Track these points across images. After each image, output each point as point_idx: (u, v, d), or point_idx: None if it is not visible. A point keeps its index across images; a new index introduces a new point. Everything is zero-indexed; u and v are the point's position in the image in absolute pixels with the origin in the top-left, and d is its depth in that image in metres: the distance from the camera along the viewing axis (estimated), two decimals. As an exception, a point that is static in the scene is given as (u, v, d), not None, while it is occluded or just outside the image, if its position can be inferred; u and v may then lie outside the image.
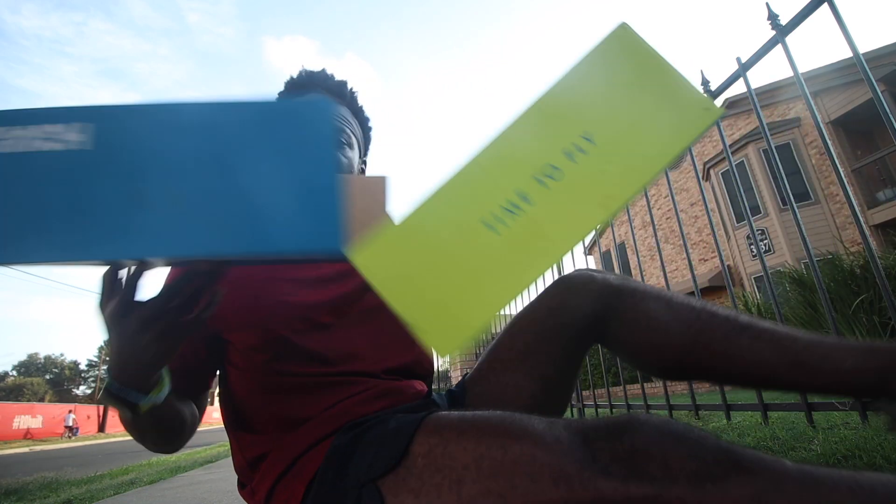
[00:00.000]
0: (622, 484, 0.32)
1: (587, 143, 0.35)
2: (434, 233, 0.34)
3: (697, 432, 0.35)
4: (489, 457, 0.38)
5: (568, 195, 0.34)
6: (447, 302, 0.32)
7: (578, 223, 0.33)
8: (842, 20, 0.87)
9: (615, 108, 0.36)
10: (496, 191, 0.34)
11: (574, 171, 0.34)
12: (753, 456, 0.32)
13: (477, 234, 0.33)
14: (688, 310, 0.56)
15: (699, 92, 0.36)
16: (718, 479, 0.31)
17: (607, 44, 0.38)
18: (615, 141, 0.35)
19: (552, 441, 0.37)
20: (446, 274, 0.33)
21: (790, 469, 0.31)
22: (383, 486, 0.42)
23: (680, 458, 0.32)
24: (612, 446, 0.35)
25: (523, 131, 0.36)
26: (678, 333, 0.55)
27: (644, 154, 0.34)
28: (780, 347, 0.51)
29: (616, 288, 0.60)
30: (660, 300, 0.58)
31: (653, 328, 0.57)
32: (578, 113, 0.36)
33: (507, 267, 0.33)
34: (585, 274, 0.63)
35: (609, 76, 0.37)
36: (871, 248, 0.88)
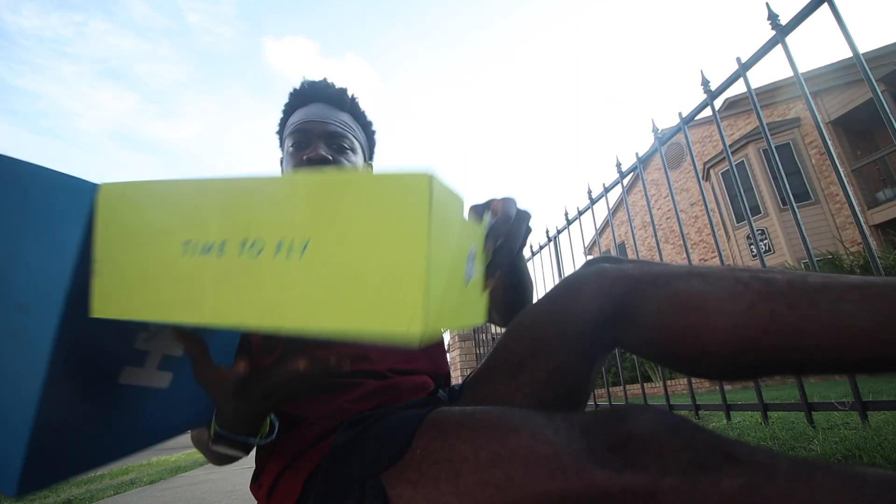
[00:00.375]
0: (617, 474, 0.33)
1: (300, 250, 0.30)
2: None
3: (691, 424, 0.35)
4: (487, 448, 0.39)
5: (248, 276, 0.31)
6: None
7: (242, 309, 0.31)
8: (842, 20, 0.87)
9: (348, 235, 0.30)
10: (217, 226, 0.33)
11: (271, 261, 0.30)
12: (746, 448, 0.33)
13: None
14: (732, 281, 0.44)
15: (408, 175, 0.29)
16: (711, 469, 0.31)
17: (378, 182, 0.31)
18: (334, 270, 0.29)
19: (550, 433, 0.37)
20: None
21: (782, 461, 0.32)
22: (385, 480, 0.43)
23: (674, 448, 0.33)
24: (608, 436, 0.35)
25: (272, 193, 0.32)
26: (724, 314, 0.42)
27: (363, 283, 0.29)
28: (885, 303, 0.36)
29: (633, 279, 0.49)
30: (691, 277, 0.46)
31: (687, 312, 0.44)
32: (316, 216, 0.31)
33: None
34: (595, 268, 0.53)
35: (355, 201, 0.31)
36: (871, 248, 0.88)
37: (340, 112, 0.80)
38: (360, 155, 0.80)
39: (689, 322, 0.44)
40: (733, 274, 0.45)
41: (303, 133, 0.76)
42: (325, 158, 0.73)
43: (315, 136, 0.75)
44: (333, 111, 0.79)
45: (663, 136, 1.47)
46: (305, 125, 0.76)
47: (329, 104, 0.79)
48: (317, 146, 0.74)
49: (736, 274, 0.45)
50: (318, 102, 0.79)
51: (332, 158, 0.75)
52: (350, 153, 0.77)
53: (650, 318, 0.47)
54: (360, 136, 0.82)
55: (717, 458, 0.32)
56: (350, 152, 0.77)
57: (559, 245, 2.43)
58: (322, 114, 0.77)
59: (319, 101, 0.79)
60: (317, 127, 0.76)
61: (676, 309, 0.45)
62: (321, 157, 0.73)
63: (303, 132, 0.76)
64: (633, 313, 0.48)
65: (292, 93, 0.81)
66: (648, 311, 0.47)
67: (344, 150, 0.77)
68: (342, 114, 0.80)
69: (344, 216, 0.30)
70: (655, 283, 0.48)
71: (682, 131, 1.33)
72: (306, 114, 0.77)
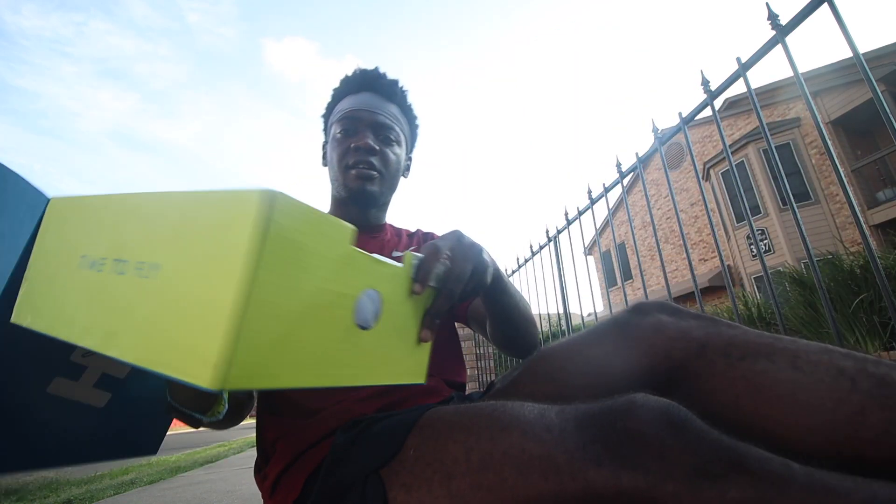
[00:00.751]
0: (613, 475, 0.31)
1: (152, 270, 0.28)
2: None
3: (699, 424, 0.32)
4: (478, 449, 0.37)
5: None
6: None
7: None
8: (842, 20, 0.86)
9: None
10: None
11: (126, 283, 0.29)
12: (758, 455, 0.30)
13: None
14: (833, 372, 0.36)
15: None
16: (718, 477, 0.29)
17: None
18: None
19: (542, 430, 0.35)
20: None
21: (798, 474, 0.29)
22: (385, 480, 0.42)
23: (677, 450, 0.30)
24: (605, 433, 0.33)
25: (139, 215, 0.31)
26: (822, 414, 0.35)
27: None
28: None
29: (698, 344, 0.42)
30: (775, 355, 0.39)
31: (770, 402, 0.37)
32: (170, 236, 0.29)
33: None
34: (652, 321, 0.46)
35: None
36: (871, 248, 0.88)
37: (389, 103, 0.80)
38: (403, 148, 0.82)
39: (771, 414, 0.37)
40: (833, 360, 0.37)
41: (351, 121, 0.76)
42: (372, 148, 0.74)
43: (363, 124, 0.76)
44: (383, 102, 0.79)
45: (663, 136, 1.47)
46: (355, 113, 0.76)
47: (379, 94, 0.80)
48: (364, 135, 0.75)
49: (836, 361, 0.37)
50: (369, 91, 0.79)
51: (378, 149, 0.76)
52: (395, 145, 0.79)
53: (717, 395, 0.40)
54: (406, 129, 0.84)
55: (725, 465, 0.29)
56: (395, 144, 0.79)
57: (559, 245, 2.43)
58: (372, 103, 0.77)
59: (370, 91, 0.80)
60: (366, 116, 0.76)
61: (756, 394, 0.38)
62: (368, 146, 0.74)
63: (351, 120, 0.76)
64: (693, 383, 0.41)
65: (344, 79, 0.82)
66: (715, 387, 0.40)
67: (390, 142, 0.78)
68: (391, 105, 0.80)
69: (185, 240, 0.27)
70: (727, 354, 0.41)
71: (682, 131, 1.33)
72: (356, 102, 0.78)
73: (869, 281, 3.15)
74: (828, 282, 3.34)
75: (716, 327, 0.44)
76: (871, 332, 3.09)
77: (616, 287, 12.89)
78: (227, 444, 6.26)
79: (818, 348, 0.38)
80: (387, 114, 0.78)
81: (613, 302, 11.21)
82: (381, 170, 0.76)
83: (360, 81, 0.80)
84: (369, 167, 0.75)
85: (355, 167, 0.74)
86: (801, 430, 0.36)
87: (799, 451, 0.34)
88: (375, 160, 0.75)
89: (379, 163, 0.76)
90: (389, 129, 0.78)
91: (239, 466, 3.02)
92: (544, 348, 0.54)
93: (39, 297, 0.34)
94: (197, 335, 0.24)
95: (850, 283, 3.27)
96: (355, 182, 0.75)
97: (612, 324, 0.49)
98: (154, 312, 0.26)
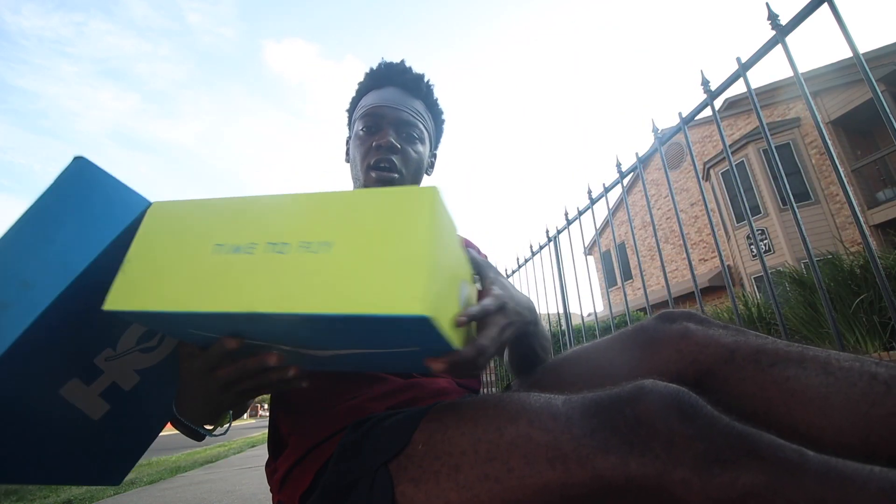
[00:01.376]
0: (621, 461, 0.30)
1: (325, 247, 0.35)
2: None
3: (709, 410, 0.31)
4: (486, 440, 0.37)
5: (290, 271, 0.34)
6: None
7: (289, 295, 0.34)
8: (842, 20, 0.86)
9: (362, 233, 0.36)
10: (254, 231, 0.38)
11: (302, 259, 0.35)
12: (771, 442, 0.29)
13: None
14: (866, 378, 0.36)
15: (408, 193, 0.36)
16: (728, 463, 0.28)
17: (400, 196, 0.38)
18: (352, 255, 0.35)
19: (548, 418, 0.35)
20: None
21: (812, 461, 0.28)
22: (393, 474, 0.42)
23: (687, 436, 0.29)
24: (613, 419, 0.32)
25: (297, 206, 0.39)
26: (855, 418, 0.35)
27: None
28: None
29: (726, 349, 0.42)
30: (805, 362, 0.38)
31: (802, 406, 0.37)
32: (336, 221, 0.36)
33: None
34: (678, 328, 0.45)
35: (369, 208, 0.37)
36: (871, 248, 0.88)
37: (414, 99, 0.78)
38: (427, 145, 0.80)
39: (804, 417, 0.37)
40: (865, 367, 0.37)
41: (375, 118, 0.74)
42: (394, 147, 0.72)
43: (387, 122, 0.74)
44: (407, 97, 0.77)
45: (663, 136, 1.47)
46: (378, 109, 0.74)
47: (404, 89, 0.77)
48: (387, 132, 0.73)
49: (869, 367, 0.36)
50: (394, 87, 0.77)
51: (401, 147, 0.74)
52: (418, 143, 0.77)
53: (747, 400, 0.40)
54: (430, 126, 0.81)
55: (737, 451, 0.28)
56: (419, 142, 0.77)
57: (559, 245, 2.43)
58: (396, 99, 0.75)
59: (395, 86, 0.77)
60: (389, 113, 0.74)
61: (788, 398, 0.38)
62: (390, 144, 0.72)
63: (375, 116, 0.74)
64: (722, 389, 0.41)
65: (369, 73, 0.80)
66: (745, 392, 0.40)
67: (413, 140, 0.76)
68: (416, 101, 0.78)
69: (360, 222, 0.35)
70: (756, 360, 0.40)
71: (682, 131, 1.33)
72: (380, 98, 0.76)
73: (869, 281, 3.15)
74: (828, 282, 3.34)
75: (744, 336, 0.44)
76: (871, 332, 3.09)
77: (616, 287, 12.89)
78: (227, 444, 6.26)
79: (849, 356, 0.38)
80: (411, 110, 0.76)
81: (613, 302, 11.21)
82: (401, 169, 0.74)
83: (385, 75, 0.78)
84: (390, 168, 0.73)
85: (376, 168, 0.73)
86: (835, 431, 0.35)
87: (830, 446, 0.34)
88: (397, 159, 0.73)
89: (400, 162, 0.74)
90: (413, 127, 0.76)
91: (239, 466, 3.03)
92: (568, 352, 0.54)
93: (153, 283, 0.37)
94: (398, 282, 0.31)
95: (850, 283, 3.27)
96: (375, 185, 0.73)
97: (638, 330, 0.49)
98: (340, 273, 0.33)
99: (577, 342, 5.21)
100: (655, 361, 0.45)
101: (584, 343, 0.56)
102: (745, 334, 0.44)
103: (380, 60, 0.81)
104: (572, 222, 2.12)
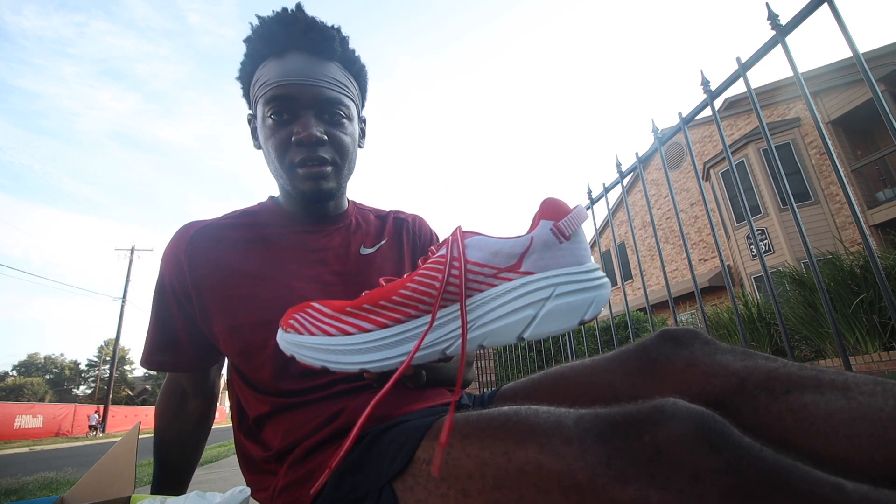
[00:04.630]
0: (640, 493, 0.27)
1: None
2: None
3: (738, 437, 0.28)
4: (493, 464, 0.35)
5: None
6: None
7: None
8: (842, 20, 0.87)
9: None
10: None
11: None
12: (806, 476, 0.26)
13: None
14: (892, 402, 0.33)
15: None
16: (761, 500, 0.25)
17: None
18: None
19: (560, 443, 0.32)
20: None
21: (851, 495, 0.25)
22: (398, 492, 0.41)
23: (713, 469, 0.26)
24: (631, 445, 0.29)
25: None
26: (884, 444, 0.32)
27: None
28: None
29: (737, 378, 0.40)
30: (822, 388, 0.36)
31: (825, 436, 0.34)
32: None
33: None
34: (685, 355, 0.43)
35: None
36: (871, 248, 0.88)
37: (328, 63, 0.62)
38: (354, 119, 0.66)
39: (826, 448, 0.34)
40: (889, 389, 0.34)
41: (285, 101, 0.59)
42: (320, 139, 0.60)
43: (302, 105, 0.59)
44: (320, 63, 0.61)
45: (663, 136, 1.47)
46: (286, 90, 0.59)
47: (313, 54, 0.61)
48: (306, 122, 0.59)
49: (893, 389, 0.34)
50: (299, 52, 0.61)
51: (327, 137, 0.61)
52: (346, 122, 0.63)
53: (762, 431, 0.36)
54: (354, 91, 0.66)
55: (769, 487, 0.26)
56: (346, 121, 0.63)
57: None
58: (307, 71, 0.59)
59: (300, 51, 0.61)
60: (303, 92, 0.59)
61: (809, 428, 0.35)
62: (314, 137, 0.59)
63: (284, 100, 0.59)
64: (734, 420, 0.36)
65: (261, 34, 0.61)
66: (760, 423, 0.37)
67: (339, 121, 0.62)
68: (331, 65, 0.62)
69: None
70: (770, 388, 0.37)
71: (682, 131, 1.33)
72: (285, 71, 0.59)
73: (869, 281, 3.15)
74: (828, 282, 3.34)
75: (753, 360, 0.40)
76: (871, 332, 3.09)
77: (616, 287, 12.89)
78: (228, 444, 6.25)
79: (868, 379, 0.36)
80: (329, 81, 0.61)
81: (613, 302, 11.20)
82: (334, 160, 0.62)
83: (286, 38, 0.60)
84: (320, 163, 0.61)
85: (303, 165, 0.60)
86: (864, 458, 0.32)
87: (857, 472, 0.32)
88: (325, 152, 0.61)
89: (331, 153, 0.62)
90: (336, 104, 0.61)
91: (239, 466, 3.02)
92: (564, 367, 0.51)
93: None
94: None
95: (850, 283, 3.27)
96: (306, 183, 0.61)
97: (640, 350, 0.46)
98: None
99: (576, 342, 5.20)
100: (660, 391, 0.42)
101: (585, 349, 0.54)
102: (754, 358, 0.41)
103: (265, 14, 0.62)
104: (572, 222, 2.12)
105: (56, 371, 49.74)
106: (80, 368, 49.82)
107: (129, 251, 19.46)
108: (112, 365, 18.26)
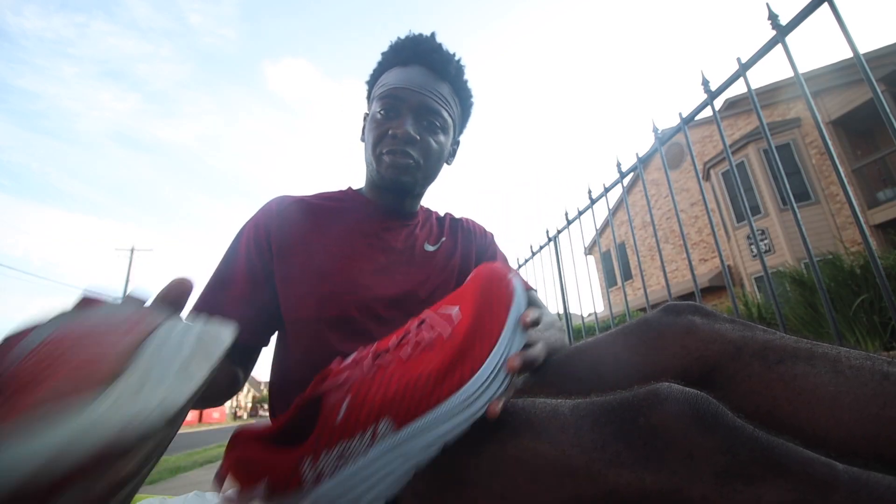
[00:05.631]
0: (635, 475, 0.28)
1: None
2: None
3: (731, 419, 0.29)
4: (488, 454, 0.35)
5: None
6: None
7: None
8: (842, 20, 0.86)
9: None
10: None
11: None
12: (799, 456, 0.27)
13: None
14: (878, 377, 0.34)
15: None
16: (753, 479, 0.26)
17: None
18: None
19: (555, 430, 0.33)
20: None
21: (842, 476, 0.26)
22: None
23: (707, 449, 0.27)
24: (626, 429, 0.30)
25: None
26: (866, 419, 0.33)
27: None
28: None
29: (733, 345, 0.41)
30: (814, 359, 0.37)
31: (810, 405, 0.36)
32: None
33: None
34: (684, 322, 0.44)
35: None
36: (872, 248, 0.88)
37: (441, 82, 0.72)
38: (449, 134, 0.75)
39: (812, 417, 0.35)
40: (876, 366, 0.35)
41: (395, 100, 0.68)
42: (412, 138, 0.67)
43: (407, 107, 0.68)
44: (434, 80, 0.70)
45: (663, 136, 1.47)
46: (399, 92, 0.68)
47: (431, 70, 0.71)
48: (405, 120, 0.68)
49: (880, 367, 0.35)
50: (420, 66, 0.71)
51: (419, 138, 0.69)
52: (440, 133, 0.72)
53: (753, 397, 0.38)
54: (455, 111, 0.76)
55: (762, 466, 0.26)
56: (440, 132, 0.72)
57: (559, 245, 2.43)
58: (420, 82, 0.69)
59: (421, 65, 0.71)
60: (411, 97, 0.68)
61: (796, 397, 0.36)
62: (407, 135, 0.67)
63: (395, 99, 0.68)
64: (727, 385, 0.40)
65: (394, 46, 0.73)
66: (751, 389, 0.38)
67: (434, 129, 0.71)
68: (442, 84, 0.72)
69: None
70: (764, 357, 0.39)
71: (683, 131, 1.33)
72: (403, 78, 0.69)
73: (869, 281, 3.15)
74: (828, 282, 3.34)
75: (751, 331, 0.42)
76: (872, 332, 3.09)
77: (616, 287, 12.88)
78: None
79: (860, 354, 0.37)
80: (436, 95, 0.70)
81: (613, 302, 11.21)
82: (418, 160, 0.70)
83: (411, 52, 0.71)
84: (405, 156, 0.68)
85: (390, 154, 0.68)
86: (842, 432, 0.34)
87: (840, 454, 0.32)
88: (413, 150, 0.69)
89: (417, 153, 0.69)
90: (436, 115, 0.70)
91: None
92: (571, 348, 0.52)
93: None
94: None
95: (851, 283, 3.27)
96: (388, 171, 0.69)
97: (642, 324, 0.47)
98: None
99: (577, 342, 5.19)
100: (660, 357, 0.43)
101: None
102: (753, 329, 0.42)
103: (408, 32, 0.73)
104: (572, 222, 2.12)
105: (56, 371, 49.61)
106: (80, 368, 49.68)
107: (129, 251, 19.46)
108: (112, 365, 18.19)
